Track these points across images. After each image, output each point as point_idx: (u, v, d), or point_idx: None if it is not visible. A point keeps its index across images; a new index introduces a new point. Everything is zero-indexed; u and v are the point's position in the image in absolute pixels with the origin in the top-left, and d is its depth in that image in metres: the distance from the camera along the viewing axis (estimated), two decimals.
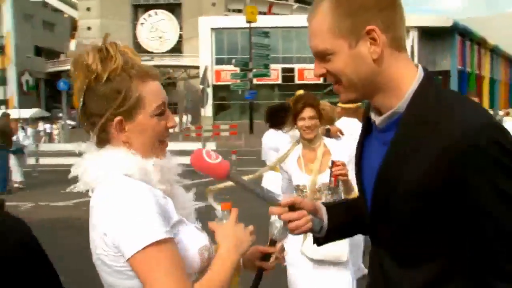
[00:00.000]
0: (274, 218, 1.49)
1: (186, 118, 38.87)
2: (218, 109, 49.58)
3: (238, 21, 42.63)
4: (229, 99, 49.19)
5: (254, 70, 35.48)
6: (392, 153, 1.27)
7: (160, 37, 61.49)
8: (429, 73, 1.31)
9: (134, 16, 63.85)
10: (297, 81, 46.28)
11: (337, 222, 1.56)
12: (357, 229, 1.65)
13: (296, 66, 47.37)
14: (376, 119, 1.34)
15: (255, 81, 37.09)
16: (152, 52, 59.01)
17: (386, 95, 1.29)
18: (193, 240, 1.37)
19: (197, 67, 48.26)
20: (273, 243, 1.52)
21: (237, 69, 36.42)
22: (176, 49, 60.12)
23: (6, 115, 12.92)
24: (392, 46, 1.26)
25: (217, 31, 48.37)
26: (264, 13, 53.24)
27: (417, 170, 1.20)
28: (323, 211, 1.55)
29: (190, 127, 26.42)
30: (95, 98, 1.37)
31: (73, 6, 66.83)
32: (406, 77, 1.28)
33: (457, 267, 1.25)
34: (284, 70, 46.29)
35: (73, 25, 64.61)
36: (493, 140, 1.14)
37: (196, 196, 1.59)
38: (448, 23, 49.38)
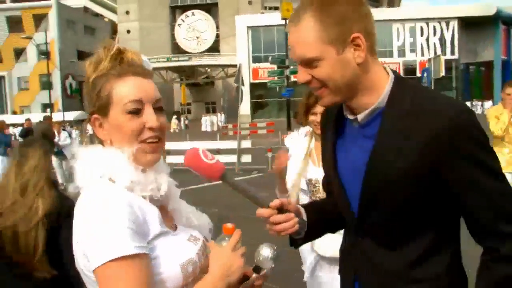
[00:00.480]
0: (262, 245, 1.46)
1: (224, 116, 39.18)
2: (256, 107, 49.72)
3: (274, 18, 42.61)
4: (266, 97, 49.27)
5: (291, 67, 35.33)
6: (381, 143, 1.39)
7: (198, 37, 62.13)
8: (398, 74, 1.48)
9: (172, 18, 64.75)
10: None
11: (313, 223, 1.61)
12: (332, 227, 1.74)
13: None
14: (358, 116, 1.45)
15: (292, 78, 36.95)
16: (190, 52, 59.76)
17: (365, 95, 1.42)
18: (176, 254, 1.30)
19: (235, 66, 48.54)
20: (256, 269, 1.47)
21: (274, 67, 36.39)
22: (214, 49, 60.59)
23: (47, 118, 13.35)
24: (370, 51, 1.40)
25: (253, 29, 48.55)
26: None
27: (409, 156, 1.34)
28: (302, 211, 1.59)
29: (228, 126, 26.58)
30: (87, 101, 1.42)
31: (113, 10, 68.41)
32: (382, 78, 1.44)
33: (444, 239, 1.43)
34: None
35: (113, 29, 66.14)
36: (470, 122, 1.34)
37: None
38: (491, 12, 47.77)
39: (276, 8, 53.70)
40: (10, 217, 2.21)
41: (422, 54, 47.42)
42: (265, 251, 1.44)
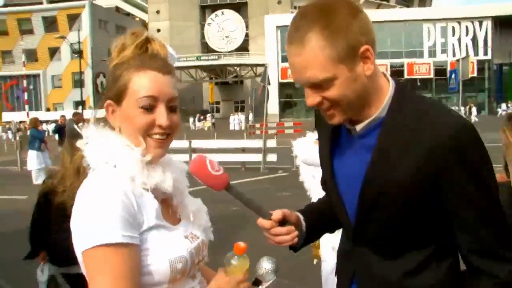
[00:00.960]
0: (262, 258, 1.47)
1: (252, 115, 39.38)
2: (285, 107, 49.74)
3: None
4: (295, 97, 49.20)
5: None
6: (379, 155, 1.35)
7: (227, 36, 62.52)
8: (398, 81, 1.42)
9: (201, 17, 65.32)
10: None
11: (313, 228, 1.64)
12: (330, 227, 1.74)
13: None
14: (357, 126, 1.41)
15: None
16: (219, 52, 60.15)
17: (368, 106, 1.37)
18: (167, 249, 1.30)
19: (264, 65, 48.63)
20: (256, 283, 1.45)
21: None
22: (243, 48, 60.88)
23: (76, 114, 13.69)
24: (374, 54, 1.33)
25: (282, 28, 48.52)
26: None
27: (407, 169, 1.30)
28: (301, 219, 1.61)
29: (255, 125, 26.70)
30: (105, 84, 1.43)
31: (144, 9, 69.40)
32: (384, 86, 1.39)
33: (442, 250, 1.40)
34: None
35: (144, 28, 66.91)
36: (472, 138, 1.29)
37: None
38: None
39: None
40: (73, 194, 2.67)
41: (454, 55, 46.54)
42: (266, 264, 1.45)
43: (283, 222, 1.49)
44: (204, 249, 1.46)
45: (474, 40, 48.14)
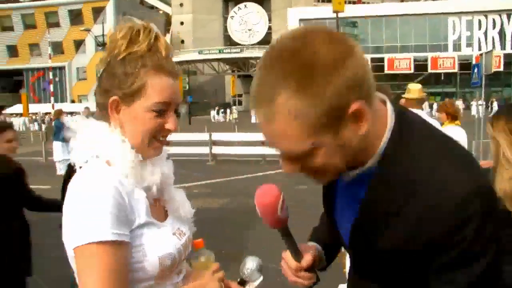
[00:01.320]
0: (246, 259, 1.46)
1: None
2: None
3: (326, 11, 42.27)
4: None
5: None
6: (366, 213, 1.15)
7: (250, 29, 62.54)
8: (400, 113, 1.13)
9: (224, 10, 65.42)
10: (386, 71, 45.08)
11: (330, 254, 1.57)
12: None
13: (386, 56, 45.94)
14: (346, 174, 1.16)
15: None
16: (242, 45, 60.20)
17: (363, 157, 1.11)
18: (157, 246, 1.31)
19: None
20: (242, 283, 1.44)
21: None
22: (265, 41, 60.72)
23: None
24: (370, 106, 1.02)
25: (305, 22, 48.28)
26: (354, 3, 52.29)
27: (396, 233, 1.08)
28: (322, 253, 1.53)
29: None
30: (106, 74, 1.36)
31: (167, 2, 69.80)
32: (381, 130, 1.10)
33: None
34: (374, 60, 45.09)
35: (167, 21, 67.49)
36: (481, 214, 1.00)
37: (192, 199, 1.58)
38: None
39: (329, 1, 53.23)
40: None
41: (479, 49, 45.63)
42: (251, 264, 1.44)
43: (309, 268, 1.42)
44: (190, 245, 1.47)
45: (502, 33, 47.15)
